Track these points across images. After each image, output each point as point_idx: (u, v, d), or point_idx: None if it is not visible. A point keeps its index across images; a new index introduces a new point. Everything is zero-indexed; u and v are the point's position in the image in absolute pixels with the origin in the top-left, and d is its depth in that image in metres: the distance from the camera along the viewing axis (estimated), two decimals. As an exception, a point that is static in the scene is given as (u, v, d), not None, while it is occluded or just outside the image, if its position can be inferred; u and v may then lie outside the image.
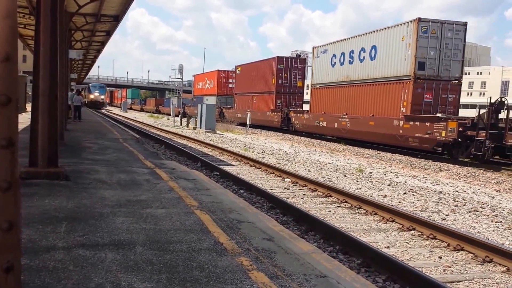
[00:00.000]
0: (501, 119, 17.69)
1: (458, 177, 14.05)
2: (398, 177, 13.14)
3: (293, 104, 35.11)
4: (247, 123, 32.57)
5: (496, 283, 5.10)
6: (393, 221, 7.55)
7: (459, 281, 5.10)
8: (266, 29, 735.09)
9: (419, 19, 20.33)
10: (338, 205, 8.82)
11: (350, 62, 25.64)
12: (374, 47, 23.38)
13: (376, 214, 7.98)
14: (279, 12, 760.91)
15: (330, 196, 9.49)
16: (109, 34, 24.74)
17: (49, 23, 7.33)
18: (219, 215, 5.52)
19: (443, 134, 18.15)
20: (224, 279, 3.47)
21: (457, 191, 11.24)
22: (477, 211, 8.90)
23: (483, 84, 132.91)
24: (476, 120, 17.49)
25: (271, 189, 10.00)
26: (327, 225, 6.69)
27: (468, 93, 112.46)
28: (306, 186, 10.55)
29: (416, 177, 13.36)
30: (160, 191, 6.78)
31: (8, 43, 1.92)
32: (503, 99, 17.48)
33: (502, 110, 17.27)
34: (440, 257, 5.93)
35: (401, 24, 21.62)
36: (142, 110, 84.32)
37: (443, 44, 20.55)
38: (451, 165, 17.08)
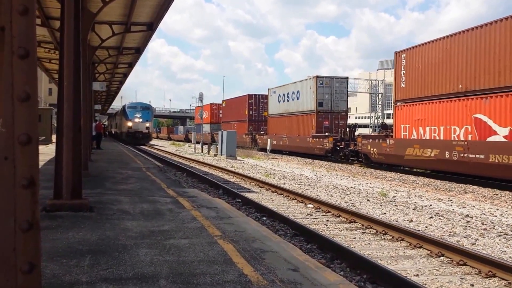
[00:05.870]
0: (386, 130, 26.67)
1: (484, 199, 13.68)
2: (423, 200, 12.87)
3: (260, 129, 45.03)
4: (268, 148, 35.72)
5: (533, 312, 4.87)
6: (420, 247, 7.34)
7: (494, 311, 4.89)
8: (283, 55, 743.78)
9: (317, 76, 32.74)
10: (363, 231, 8.64)
11: (288, 100, 37.29)
12: (298, 91, 35.20)
13: (402, 240, 7.79)
14: (294, 38, 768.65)
15: (354, 222, 9.31)
16: (131, 65, 25.30)
17: (72, 57, 7.50)
18: (243, 244, 5.45)
19: (327, 145, 29.52)
20: (250, 313, 3.39)
21: (484, 214, 10.92)
22: (507, 234, 8.60)
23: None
24: (340, 136, 29.68)
25: (294, 216, 9.88)
26: (353, 253, 6.54)
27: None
28: (329, 211, 10.39)
29: (441, 200, 13.06)
30: (183, 221, 6.76)
31: (27, 83, 1.94)
32: (356, 124, 32.42)
33: (356, 129, 30.67)
34: (472, 285, 5.71)
35: (309, 79, 34.64)
36: (157, 137, 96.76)
37: (333, 90, 32.64)
38: (476, 186, 16.68)
